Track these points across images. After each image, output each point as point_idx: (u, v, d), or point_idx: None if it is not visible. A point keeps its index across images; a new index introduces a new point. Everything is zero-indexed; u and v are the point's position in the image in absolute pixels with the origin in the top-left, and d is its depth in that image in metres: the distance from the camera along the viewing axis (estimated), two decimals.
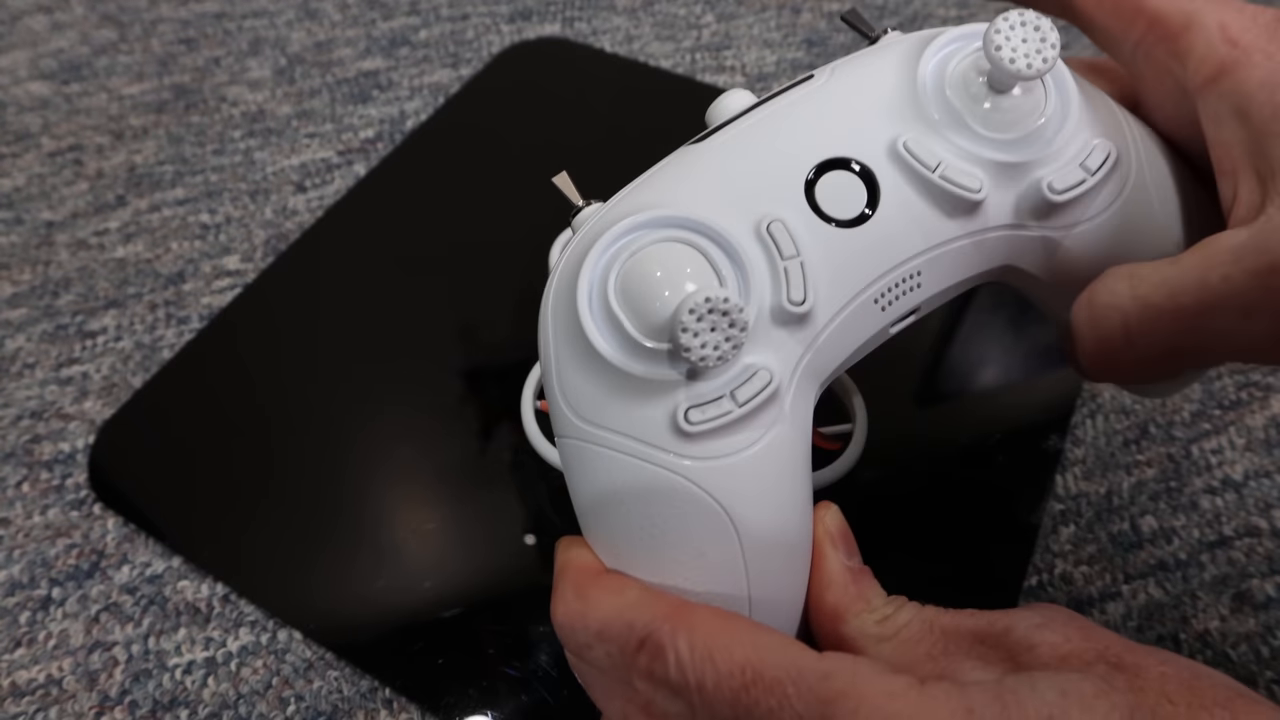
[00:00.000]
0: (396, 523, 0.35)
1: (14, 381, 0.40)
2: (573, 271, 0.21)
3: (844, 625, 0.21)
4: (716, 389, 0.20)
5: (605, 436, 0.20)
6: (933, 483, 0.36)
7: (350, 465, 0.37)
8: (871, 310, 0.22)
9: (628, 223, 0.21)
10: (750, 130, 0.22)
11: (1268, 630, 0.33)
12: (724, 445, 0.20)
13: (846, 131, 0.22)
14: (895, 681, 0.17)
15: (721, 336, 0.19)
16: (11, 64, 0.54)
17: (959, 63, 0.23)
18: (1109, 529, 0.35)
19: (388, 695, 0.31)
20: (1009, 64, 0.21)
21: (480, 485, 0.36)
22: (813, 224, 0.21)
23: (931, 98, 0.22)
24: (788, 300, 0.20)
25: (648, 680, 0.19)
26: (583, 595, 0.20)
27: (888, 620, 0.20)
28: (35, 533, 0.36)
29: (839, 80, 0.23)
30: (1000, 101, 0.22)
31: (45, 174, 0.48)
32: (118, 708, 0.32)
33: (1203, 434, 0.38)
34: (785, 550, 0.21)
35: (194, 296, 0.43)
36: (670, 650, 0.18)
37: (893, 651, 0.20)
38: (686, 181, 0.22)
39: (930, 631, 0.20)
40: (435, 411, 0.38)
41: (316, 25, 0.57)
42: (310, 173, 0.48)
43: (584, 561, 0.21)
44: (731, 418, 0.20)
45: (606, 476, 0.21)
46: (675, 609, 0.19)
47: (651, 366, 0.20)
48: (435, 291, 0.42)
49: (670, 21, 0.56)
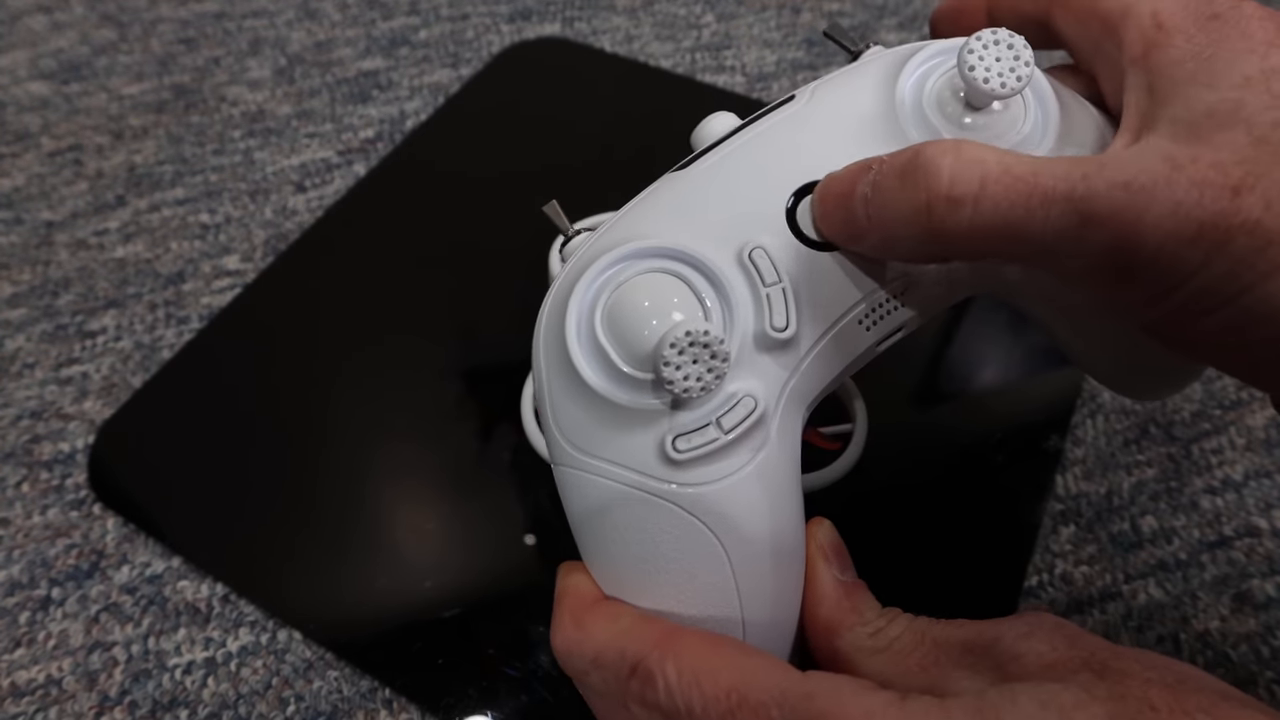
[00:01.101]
0: (396, 523, 0.35)
1: (14, 381, 0.40)
2: (561, 303, 0.21)
3: (838, 639, 0.21)
4: (702, 417, 0.20)
5: (597, 465, 0.21)
6: (933, 483, 0.36)
7: (350, 465, 0.37)
8: (856, 331, 0.22)
9: (613, 255, 0.21)
10: (731, 156, 0.23)
11: (1268, 630, 0.33)
12: (712, 471, 0.20)
13: (826, 155, 0.22)
14: (876, 699, 0.17)
15: (704, 368, 0.19)
16: (11, 64, 0.54)
17: (937, 80, 0.23)
18: (1109, 529, 0.35)
19: (388, 695, 0.31)
20: (983, 84, 0.21)
21: (480, 485, 0.36)
22: (795, 249, 0.21)
23: (910, 117, 0.22)
24: (770, 327, 0.21)
25: (641, 705, 0.19)
26: (579, 623, 0.21)
27: (880, 633, 0.21)
28: (35, 533, 0.36)
29: (818, 102, 0.23)
30: (979, 118, 0.22)
31: (45, 174, 0.48)
32: (117, 708, 0.32)
33: (1203, 434, 0.38)
34: (776, 570, 0.21)
35: (194, 296, 0.43)
36: (659, 677, 0.19)
37: (885, 663, 0.20)
38: (670, 211, 0.22)
39: (922, 643, 0.20)
40: (435, 411, 0.38)
41: (316, 25, 0.57)
42: (310, 173, 0.48)
43: (581, 589, 0.22)
44: (718, 445, 0.20)
45: (599, 503, 0.21)
46: (665, 636, 0.20)
47: (638, 396, 0.20)
48: (435, 291, 0.42)
49: (670, 21, 0.56)
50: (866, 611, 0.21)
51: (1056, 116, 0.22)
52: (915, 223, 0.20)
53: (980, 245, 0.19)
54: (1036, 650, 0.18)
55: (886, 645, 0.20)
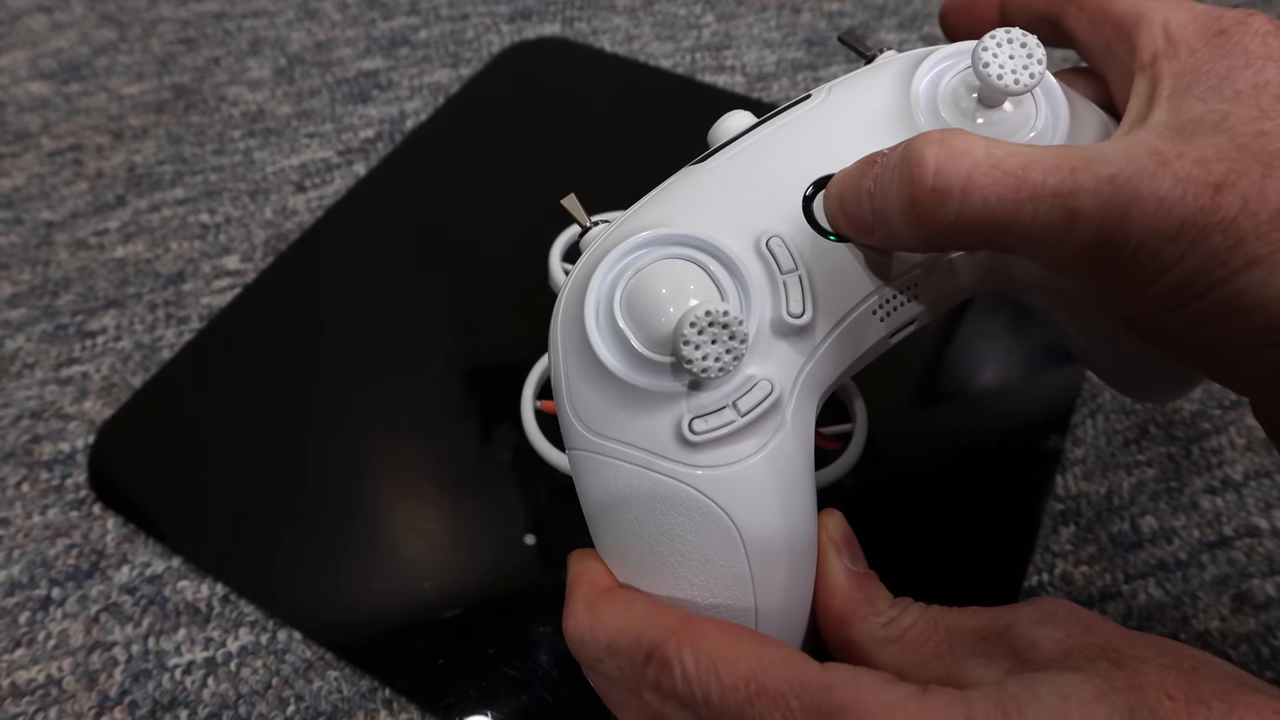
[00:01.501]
0: (396, 523, 0.35)
1: (14, 381, 0.40)
2: (580, 288, 0.21)
3: (851, 630, 0.21)
4: (719, 399, 0.21)
5: (613, 447, 0.21)
6: (933, 483, 0.36)
7: (350, 465, 0.37)
8: (870, 321, 0.23)
9: (632, 241, 0.21)
10: (749, 150, 0.23)
11: (1268, 630, 0.33)
12: (727, 454, 0.21)
13: (842, 148, 0.22)
14: (896, 691, 0.17)
15: (722, 349, 0.19)
16: (11, 64, 0.54)
17: (950, 79, 0.23)
18: (1109, 529, 0.35)
19: (388, 695, 0.31)
20: (997, 80, 0.21)
21: (480, 485, 0.36)
22: (811, 239, 0.22)
23: (924, 114, 0.23)
24: (787, 313, 0.21)
25: (656, 693, 0.19)
26: (593, 609, 0.21)
27: (893, 623, 0.21)
28: (35, 533, 0.36)
29: (835, 99, 0.24)
30: (992, 116, 0.23)
31: (45, 174, 0.48)
32: (117, 708, 0.32)
33: (1203, 434, 0.38)
34: (790, 557, 0.22)
35: (194, 296, 0.43)
36: (676, 664, 0.19)
37: (899, 653, 0.20)
38: (689, 200, 0.23)
39: (935, 631, 0.20)
40: (435, 411, 0.38)
41: (316, 25, 0.57)
42: (310, 173, 0.48)
43: (594, 575, 0.22)
44: (734, 427, 0.20)
45: (614, 486, 0.21)
46: (681, 623, 0.20)
47: (656, 379, 0.21)
48: (435, 291, 0.42)
49: (670, 21, 0.56)
50: (879, 602, 0.21)
51: (1066, 115, 0.23)
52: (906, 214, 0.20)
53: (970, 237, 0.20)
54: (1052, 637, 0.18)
55: (899, 635, 0.20)
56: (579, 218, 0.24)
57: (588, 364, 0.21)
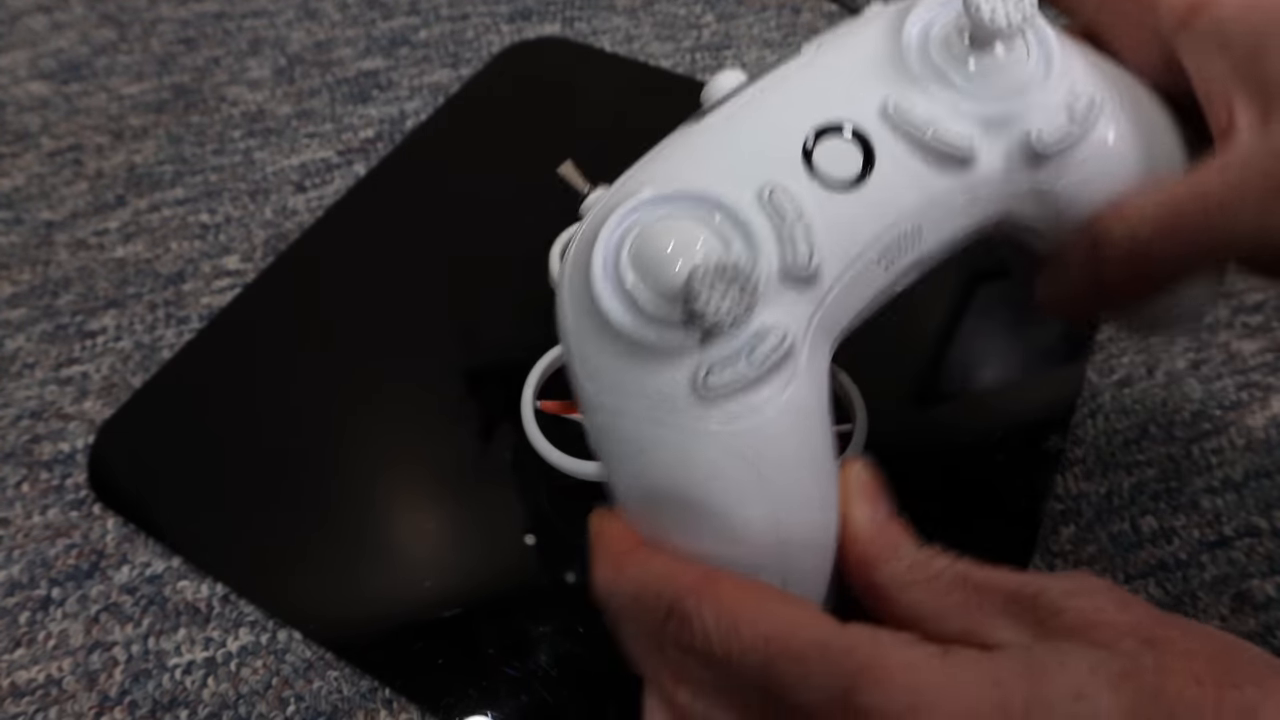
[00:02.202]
0: (396, 523, 0.35)
1: (14, 381, 0.40)
2: (585, 251, 0.21)
3: (874, 573, 0.21)
4: (732, 351, 0.20)
5: (628, 406, 0.21)
6: (932, 482, 0.36)
7: (350, 465, 0.37)
8: (875, 269, 0.23)
9: (635, 200, 0.21)
10: (745, 105, 0.23)
11: (1268, 630, 0.33)
12: (743, 405, 0.20)
13: (838, 97, 0.23)
14: (919, 651, 0.17)
15: (734, 299, 0.19)
16: (11, 64, 0.54)
17: (942, 25, 0.23)
18: (1109, 529, 0.35)
19: (388, 695, 0.31)
20: (988, 20, 0.21)
21: (480, 485, 0.36)
22: (813, 189, 0.22)
23: (917, 59, 0.23)
24: (794, 262, 0.21)
25: (677, 649, 0.19)
26: (618, 565, 0.21)
27: (918, 565, 0.20)
28: (35, 533, 0.36)
29: (827, 51, 0.24)
30: (983, 58, 0.23)
31: (45, 174, 0.48)
32: (117, 708, 0.31)
33: (1203, 434, 0.38)
34: (810, 505, 0.22)
35: (194, 296, 0.43)
36: (696, 620, 0.19)
37: (923, 595, 0.20)
38: (689, 157, 0.23)
39: (963, 585, 0.19)
40: (435, 411, 0.38)
41: (316, 25, 0.57)
42: (310, 173, 0.48)
43: (617, 532, 0.22)
44: (750, 377, 0.20)
45: (633, 446, 0.21)
46: (702, 579, 0.20)
47: (668, 335, 0.20)
48: (435, 291, 0.42)
49: (670, 21, 0.56)
50: (904, 545, 0.21)
51: (1059, 54, 0.23)
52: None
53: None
54: (1080, 608, 0.18)
55: (924, 578, 0.20)
56: (575, 183, 0.24)
57: (597, 326, 0.21)
